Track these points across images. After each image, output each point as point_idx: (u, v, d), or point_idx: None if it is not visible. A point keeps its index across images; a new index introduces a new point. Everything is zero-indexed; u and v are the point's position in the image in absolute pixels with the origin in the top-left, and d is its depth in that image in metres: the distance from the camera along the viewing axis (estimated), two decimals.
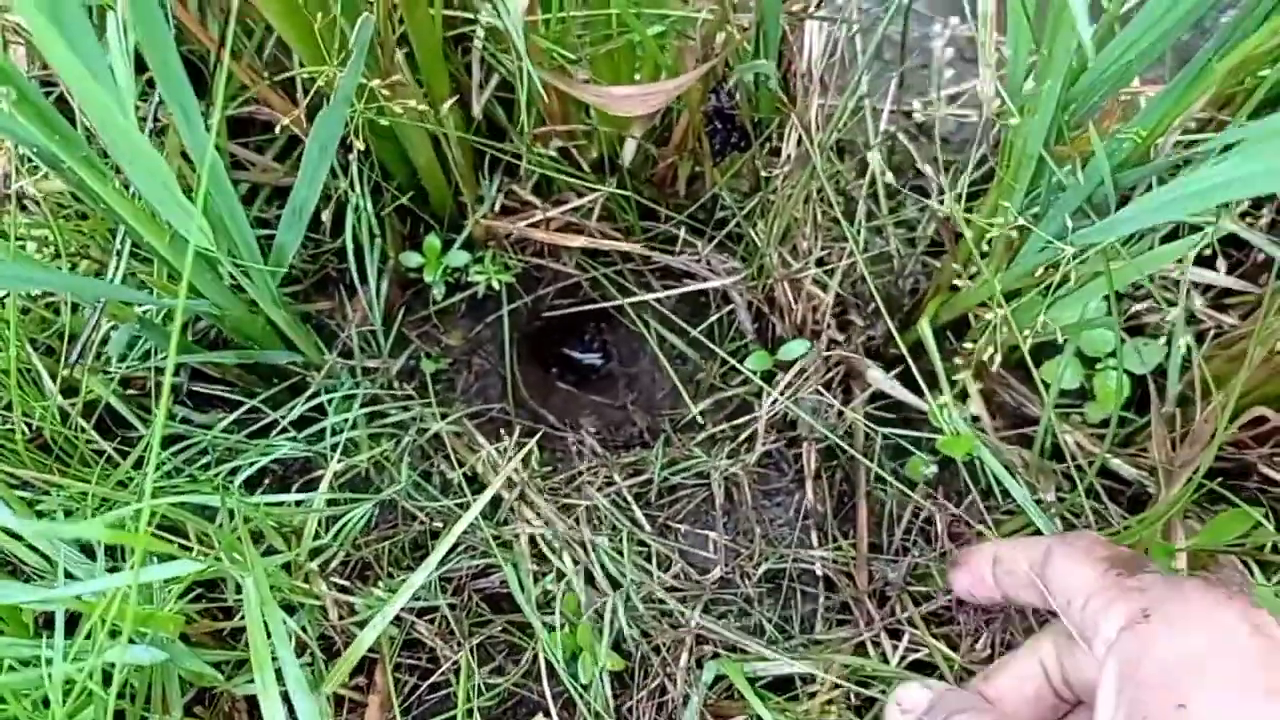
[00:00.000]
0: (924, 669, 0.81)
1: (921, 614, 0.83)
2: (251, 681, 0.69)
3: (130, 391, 0.78)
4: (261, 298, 0.65)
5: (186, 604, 0.65)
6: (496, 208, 0.89)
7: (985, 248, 0.79)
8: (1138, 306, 0.92)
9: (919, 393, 0.89)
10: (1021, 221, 0.70)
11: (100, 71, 0.47)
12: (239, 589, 0.70)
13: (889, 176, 1.02)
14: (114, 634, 0.53)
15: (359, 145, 0.63)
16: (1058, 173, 0.66)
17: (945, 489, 0.90)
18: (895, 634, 0.83)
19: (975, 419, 0.89)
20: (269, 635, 0.58)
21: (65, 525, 0.34)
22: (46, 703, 0.55)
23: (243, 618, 0.70)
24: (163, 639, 0.56)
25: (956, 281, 0.82)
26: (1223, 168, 0.54)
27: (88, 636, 0.62)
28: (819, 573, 0.87)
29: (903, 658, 0.82)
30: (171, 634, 0.56)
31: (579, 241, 0.86)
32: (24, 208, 0.73)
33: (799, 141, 0.81)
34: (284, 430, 0.79)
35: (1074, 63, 0.64)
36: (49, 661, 0.55)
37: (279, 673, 0.58)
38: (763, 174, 0.85)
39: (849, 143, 1.05)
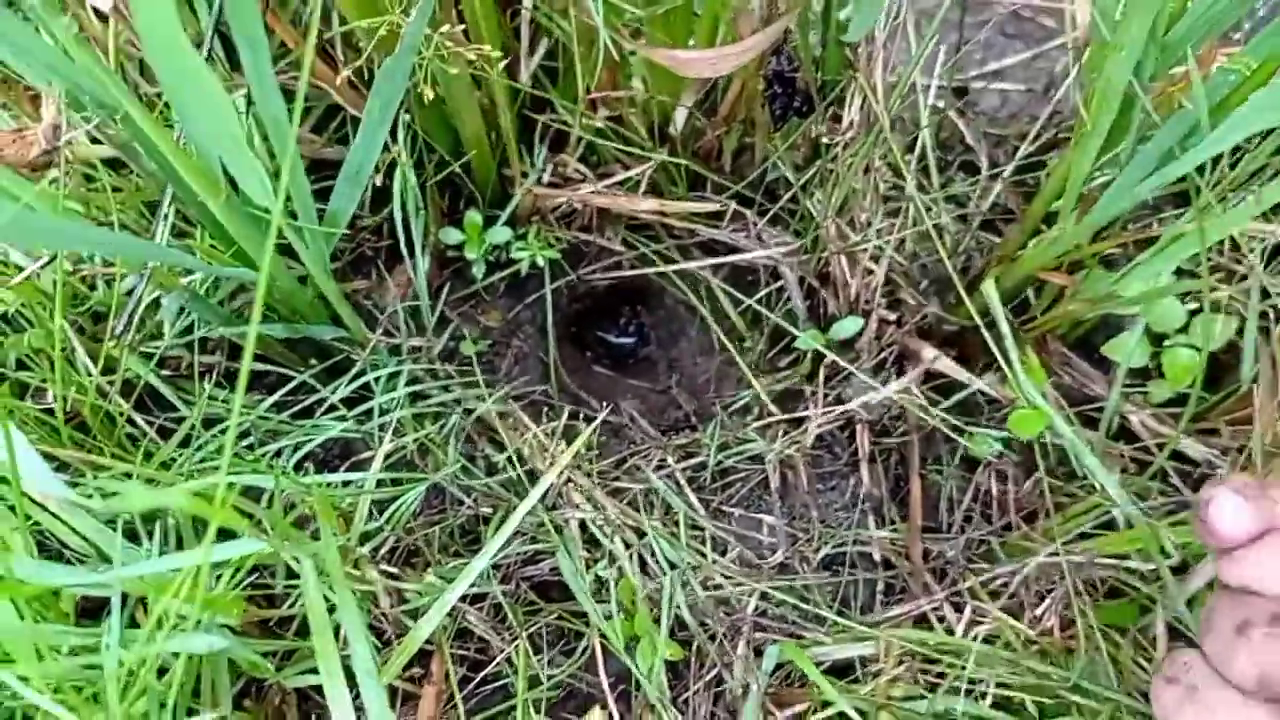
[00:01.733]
0: (989, 641, 0.78)
1: (983, 585, 0.80)
2: (303, 673, 0.65)
3: (166, 372, 0.74)
4: (314, 265, 0.61)
5: (236, 591, 0.62)
6: (544, 181, 0.85)
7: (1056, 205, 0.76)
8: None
9: (974, 370, 0.86)
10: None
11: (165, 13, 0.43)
12: (289, 574, 0.66)
13: (938, 152, 1.00)
14: (175, 623, 0.50)
15: (429, 93, 0.59)
16: (1147, 104, 0.62)
17: (998, 470, 0.87)
18: (957, 607, 0.80)
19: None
20: (332, 616, 0.55)
21: (144, 492, 0.30)
22: (96, 696, 0.52)
23: (291, 605, 0.67)
24: (218, 626, 0.52)
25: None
26: None
27: (131, 624, 0.59)
28: (877, 556, 0.84)
29: (966, 630, 0.79)
30: (235, 619, 0.53)
31: (646, 205, 0.82)
32: (53, 181, 0.69)
33: (863, 106, 0.77)
34: (329, 410, 0.75)
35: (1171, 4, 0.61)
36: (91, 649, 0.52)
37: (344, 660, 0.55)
38: (824, 141, 0.82)
39: (897, 119, 1.02)
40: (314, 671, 0.64)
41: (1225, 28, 0.62)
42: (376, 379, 0.76)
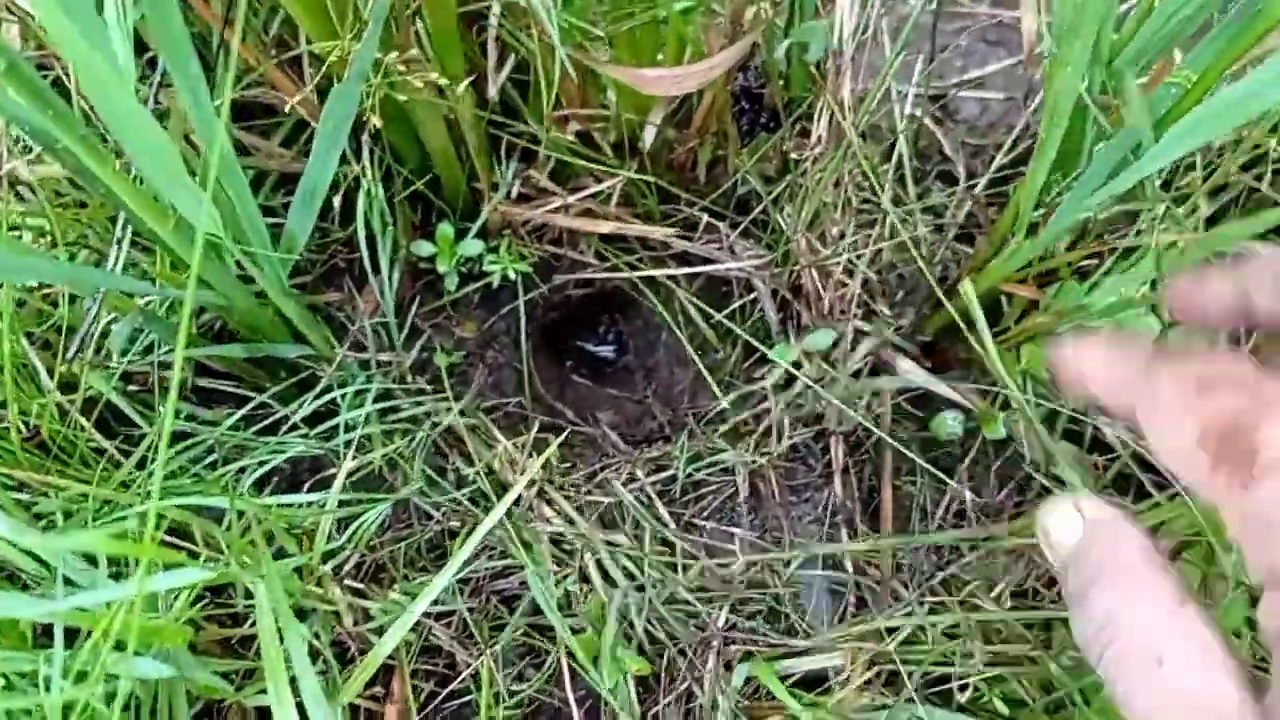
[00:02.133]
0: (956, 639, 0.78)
1: (944, 584, 0.81)
2: (263, 692, 0.66)
3: (131, 387, 0.74)
4: (271, 288, 0.61)
5: (194, 610, 0.62)
6: (513, 195, 0.85)
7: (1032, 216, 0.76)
8: None
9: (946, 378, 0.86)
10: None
11: (102, 48, 0.43)
12: (249, 594, 0.66)
13: (915, 162, 0.99)
14: (119, 646, 0.50)
15: (375, 122, 0.59)
16: (1097, 113, 0.62)
17: (976, 482, 0.87)
18: (932, 609, 0.81)
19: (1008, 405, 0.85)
20: (282, 642, 0.55)
21: (64, 537, 0.30)
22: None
23: (253, 624, 0.67)
24: (170, 652, 0.52)
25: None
26: (1259, 72, 0.50)
27: (88, 642, 0.59)
28: (849, 568, 0.84)
29: (930, 627, 0.79)
30: (180, 646, 0.53)
31: (606, 227, 0.82)
32: (19, 195, 0.69)
33: (830, 121, 0.77)
34: (293, 427, 0.75)
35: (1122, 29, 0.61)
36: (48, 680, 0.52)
37: (294, 683, 0.55)
38: (792, 156, 0.81)
39: (873, 128, 1.01)
40: None
41: (1178, 42, 0.61)
42: (342, 395, 0.76)
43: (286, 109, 0.65)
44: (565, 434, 0.84)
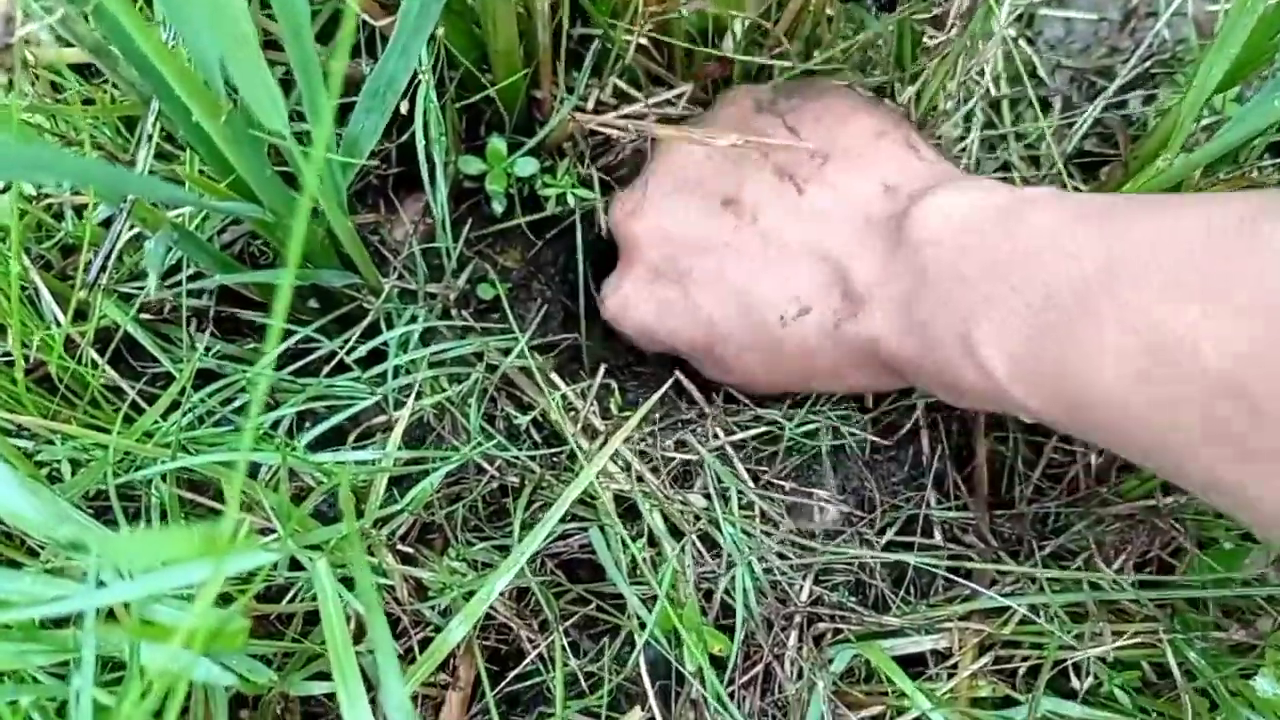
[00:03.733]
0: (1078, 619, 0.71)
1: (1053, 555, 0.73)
2: (309, 679, 0.56)
3: (146, 316, 0.63)
4: (328, 200, 0.51)
5: (235, 586, 0.52)
6: (583, 104, 0.74)
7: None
8: None
9: None
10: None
11: None
12: (293, 564, 0.57)
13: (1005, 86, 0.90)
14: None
15: None
16: None
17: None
18: (1032, 580, 0.73)
19: None
20: (348, 624, 0.45)
21: (135, 537, 0.21)
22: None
23: (292, 600, 0.57)
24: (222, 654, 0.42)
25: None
26: None
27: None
28: (939, 534, 0.76)
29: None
30: (237, 649, 0.43)
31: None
32: (11, 85, 0.58)
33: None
34: (337, 368, 0.65)
35: None
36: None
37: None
38: (925, 42, 0.71)
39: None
40: (321, 677, 0.55)
41: None
42: (399, 335, 0.65)
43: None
44: (659, 393, 0.73)
